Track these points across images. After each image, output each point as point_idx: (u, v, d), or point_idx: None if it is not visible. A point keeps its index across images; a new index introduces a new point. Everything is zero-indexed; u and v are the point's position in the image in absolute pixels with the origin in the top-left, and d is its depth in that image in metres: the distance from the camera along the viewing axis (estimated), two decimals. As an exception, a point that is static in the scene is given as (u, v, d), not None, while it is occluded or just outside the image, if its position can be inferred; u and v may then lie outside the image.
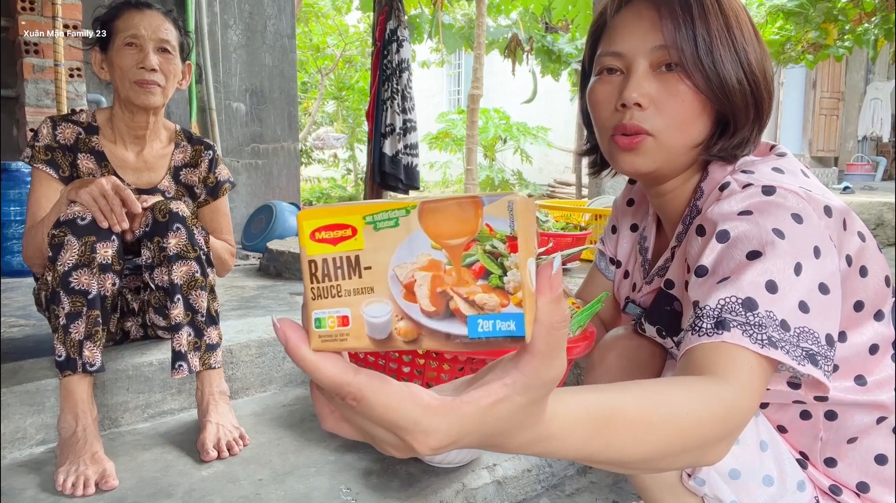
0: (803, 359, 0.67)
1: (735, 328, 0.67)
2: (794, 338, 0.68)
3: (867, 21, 6.65)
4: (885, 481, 0.86)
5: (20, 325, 2.03)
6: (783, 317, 0.68)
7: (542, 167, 11.57)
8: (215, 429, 1.45)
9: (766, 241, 0.72)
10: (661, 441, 0.55)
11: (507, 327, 0.36)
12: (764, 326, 0.67)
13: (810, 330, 0.69)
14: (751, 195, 0.76)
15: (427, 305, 0.38)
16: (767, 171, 0.82)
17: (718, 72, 0.81)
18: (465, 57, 12.63)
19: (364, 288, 0.39)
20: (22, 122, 3.19)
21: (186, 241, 1.47)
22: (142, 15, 1.55)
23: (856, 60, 11.74)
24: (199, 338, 1.48)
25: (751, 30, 0.85)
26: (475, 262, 0.37)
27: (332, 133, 12.41)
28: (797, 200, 0.75)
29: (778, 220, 0.73)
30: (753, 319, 0.67)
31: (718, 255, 0.75)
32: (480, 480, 1.35)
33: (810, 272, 0.71)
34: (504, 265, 0.36)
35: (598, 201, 2.97)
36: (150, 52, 1.53)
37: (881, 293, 0.83)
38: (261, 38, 4.49)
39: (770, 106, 0.87)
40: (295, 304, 2.43)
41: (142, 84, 1.54)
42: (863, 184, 10.33)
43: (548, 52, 7.72)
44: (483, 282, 0.37)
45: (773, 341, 0.67)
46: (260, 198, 4.52)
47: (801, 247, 0.71)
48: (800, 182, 0.80)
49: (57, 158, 1.58)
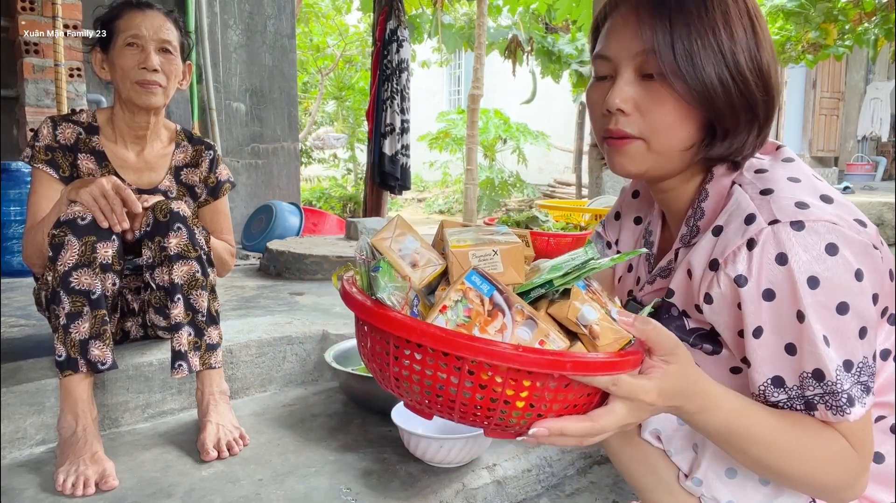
0: (864, 397, 0.75)
1: (820, 405, 0.75)
2: (856, 376, 0.75)
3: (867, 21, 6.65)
4: (882, 479, 0.86)
5: (20, 325, 2.03)
6: (845, 359, 0.74)
7: (542, 167, 11.57)
8: (215, 429, 1.45)
9: (804, 298, 0.73)
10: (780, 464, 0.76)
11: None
12: (836, 394, 0.74)
13: (866, 358, 0.75)
14: (776, 240, 0.74)
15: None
16: (784, 184, 0.80)
17: (700, 78, 0.79)
18: (465, 57, 12.62)
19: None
20: (22, 122, 3.19)
21: (187, 240, 1.47)
22: (143, 15, 1.55)
23: (856, 60, 11.74)
24: (199, 337, 1.48)
25: (747, 27, 0.81)
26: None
27: (332, 133, 12.41)
28: (827, 228, 0.74)
29: (811, 263, 0.73)
30: (827, 388, 0.75)
31: (769, 316, 0.77)
32: (480, 480, 1.35)
33: (857, 302, 0.74)
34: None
35: (598, 201, 2.97)
36: (151, 53, 1.53)
37: (892, 293, 0.83)
38: (261, 38, 4.49)
39: (771, 106, 0.83)
40: (295, 304, 2.43)
41: (143, 84, 1.54)
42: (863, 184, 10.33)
43: (548, 53, 7.72)
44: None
45: (851, 401, 0.74)
46: (260, 198, 4.52)
47: (839, 283, 0.73)
48: (819, 192, 0.79)
49: (57, 158, 1.58)
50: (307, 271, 2.98)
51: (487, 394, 0.64)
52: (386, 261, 0.71)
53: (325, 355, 1.75)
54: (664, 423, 0.91)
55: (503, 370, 0.63)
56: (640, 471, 0.94)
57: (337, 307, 2.35)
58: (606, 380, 0.66)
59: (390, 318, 0.65)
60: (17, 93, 3.22)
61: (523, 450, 1.47)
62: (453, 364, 0.64)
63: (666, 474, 0.92)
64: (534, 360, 0.62)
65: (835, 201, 0.78)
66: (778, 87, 0.84)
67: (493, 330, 0.65)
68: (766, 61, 0.82)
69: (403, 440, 1.39)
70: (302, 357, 1.90)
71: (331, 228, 4.69)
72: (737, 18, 0.81)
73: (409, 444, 1.38)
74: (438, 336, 0.62)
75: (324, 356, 1.77)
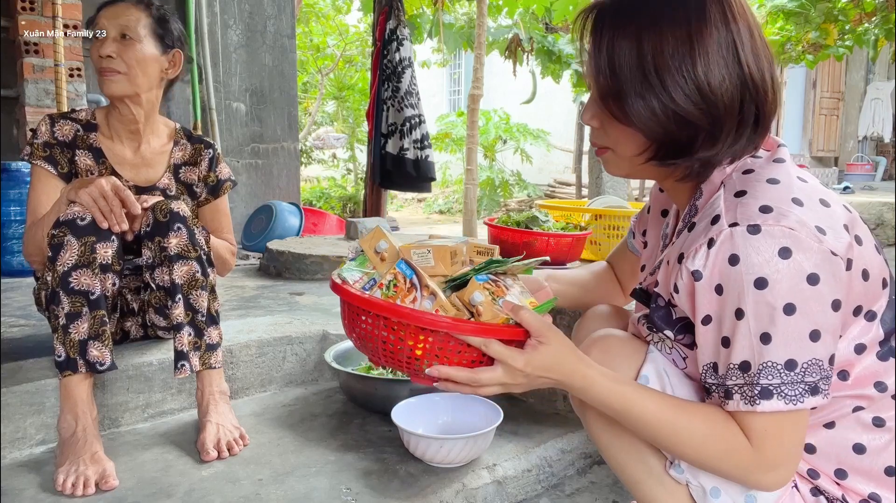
0: (803, 396, 0.78)
1: (736, 394, 0.80)
2: (800, 376, 0.78)
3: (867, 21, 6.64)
4: (863, 471, 0.87)
5: (20, 325, 2.03)
6: (787, 359, 0.77)
7: (542, 167, 11.55)
8: (215, 429, 1.45)
9: (748, 297, 0.77)
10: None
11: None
12: (753, 385, 0.78)
13: (816, 360, 0.78)
14: (731, 241, 0.78)
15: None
16: (759, 187, 0.83)
17: (633, 117, 0.84)
18: (465, 57, 12.61)
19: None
20: (22, 122, 3.19)
21: (187, 240, 1.47)
22: (110, 8, 1.56)
23: (856, 60, 11.73)
24: (199, 337, 1.48)
25: (685, 56, 0.81)
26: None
27: (332, 133, 12.40)
28: (783, 233, 0.77)
29: (761, 265, 0.76)
30: (748, 380, 0.79)
31: (717, 308, 0.82)
32: (480, 480, 1.35)
33: (807, 306, 0.76)
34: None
35: (598, 201, 2.97)
36: (108, 41, 1.53)
37: (876, 294, 0.85)
38: (261, 38, 4.49)
39: (727, 121, 0.83)
40: (295, 304, 2.43)
41: (101, 73, 1.55)
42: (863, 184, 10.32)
43: (548, 53, 7.70)
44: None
45: (765, 394, 0.78)
46: (260, 198, 4.52)
47: (790, 285, 0.76)
48: (793, 195, 0.81)
49: (55, 155, 1.58)
50: (307, 271, 2.98)
51: (405, 346, 0.92)
52: (363, 255, 1.02)
53: (325, 355, 1.75)
54: None
55: (410, 327, 0.91)
56: (631, 462, 0.97)
57: (337, 307, 2.35)
58: (479, 340, 0.89)
59: (344, 291, 0.98)
60: (17, 93, 3.22)
61: (523, 449, 1.47)
62: (382, 323, 0.94)
63: (654, 464, 0.95)
64: (422, 319, 0.90)
65: (805, 205, 0.80)
66: (730, 103, 0.83)
67: (409, 301, 0.94)
68: (712, 82, 0.82)
69: (403, 440, 1.39)
70: (302, 357, 1.90)
71: (331, 228, 4.69)
72: (675, 48, 0.81)
73: (408, 444, 1.38)
74: (370, 302, 0.94)
75: (324, 356, 1.77)
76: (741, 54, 0.83)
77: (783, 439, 0.81)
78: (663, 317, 0.94)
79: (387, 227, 3.61)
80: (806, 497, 0.89)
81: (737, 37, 0.83)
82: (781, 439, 0.81)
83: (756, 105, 0.84)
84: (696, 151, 0.85)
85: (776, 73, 0.87)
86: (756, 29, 0.85)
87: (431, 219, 11.18)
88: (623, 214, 2.63)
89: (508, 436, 1.53)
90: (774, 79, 0.86)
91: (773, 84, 0.86)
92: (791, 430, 0.81)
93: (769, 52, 0.86)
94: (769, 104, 0.86)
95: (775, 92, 0.87)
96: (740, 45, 0.83)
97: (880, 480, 0.87)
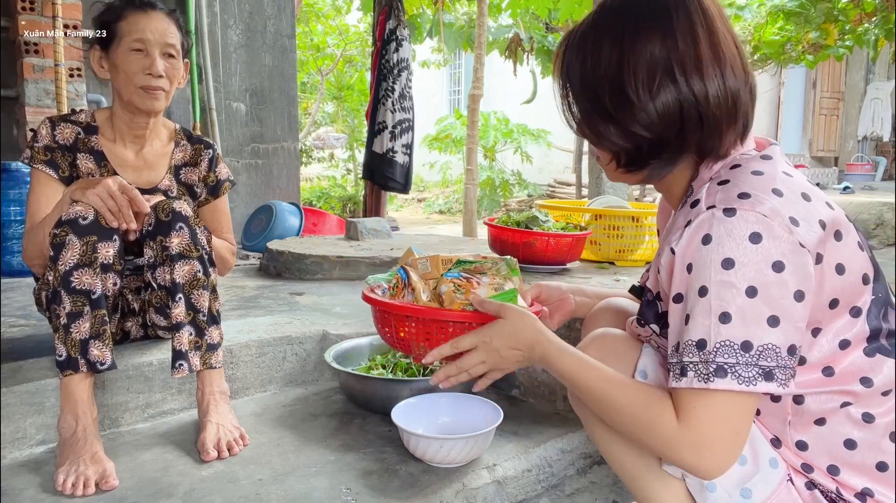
0: (756, 379, 0.79)
1: (691, 371, 0.82)
2: (755, 358, 0.79)
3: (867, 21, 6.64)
4: (855, 466, 0.88)
5: (20, 325, 2.03)
6: (744, 341, 0.79)
7: (542, 167, 11.56)
8: (215, 429, 1.45)
9: (714, 275, 0.80)
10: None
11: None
12: (708, 362, 0.80)
13: (773, 345, 0.79)
14: (708, 222, 0.83)
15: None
16: (743, 177, 0.86)
17: (586, 131, 0.96)
18: (465, 57, 12.61)
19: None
20: (22, 122, 3.19)
21: (189, 240, 1.47)
22: (148, 18, 1.54)
23: (856, 60, 11.73)
24: (200, 337, 1.48)
25: (653, 57, 0.87)
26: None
27: (332, 133, 12.40)
28: (756, 219, 0.80)
29: (731, 247, 0.80)
30: (703, 357, 0.80)
31: (685, 286, 0.85)
32: (480, 480, 1.35)
33: (770, 291, 0.79)
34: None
35: (598, 201, 2.97)
36: (157, 59, 1.53)
37: (857, 290, 0.86)
38: (261, 38, 4.49)
39: (670, 138, 0.89)
40: (295, 304, 2.43)
41: (148, 90, 1.54)
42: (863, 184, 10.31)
43: (548, 53, 7.70)
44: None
45: (720, 372, 0.79)
46: (260, 198, 4.52)
47: (755, 269, 0.79)
48: (773, 186, 0.84)
49: (56, 159, 1.58)
50: (307, 271, 2.98)
51: (392, 330, 1.19)
52: (393, 270, 1.29)
53: (325, 355, 1.75)
54: None
55: (393, 315, 1.17)
56: (630, 457, 0.98)
57: (337, 307, 2.36)
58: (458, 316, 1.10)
59: (364, 296, 1.26)
60: (17, 93, 3.22)
61: (523, 449, 1.47)
62: (378, 314, 1.23)
63: (652, 458, 0.96)
64: (395, 307, 1.16)
65: (784, 196, 0.82)
66: (665, 119, 0.88)
67: (400, 297, 1.20)
68: (644, 104, 0.88)
69: (403, 440, 1.39)
70: (302, 357, 1.90)
71: (331, 228, 4.69)
72: (606, 72, 0.90)
73: (408, 444, 1.38)
74: (372, 300, 1.22)
75: (324, 356, 1.77)
76: (676, 72, 0.87)
77: (714, 419, 0.81)
78: (650, 311, 0.98)
79: (387, 227, 3.61)
80: (801, 490, 0.91)
81: (672, 55, 0.87)
82: (712, 418, 0.81)
83: (704, 115, 0.87)
84: (646, 161, 0.92)
85: (732, 80, 0.88)
86: (706, 39, 0.87)
87: (431, 219, 11.18)
88: (623, 214, 2.63)
89: (508, 436, 1.53)
90: (730, 89, 0.88)
91: (725, 93, 0.88)
92: (728, 413, 0.81)
93: (733, 57, 0.88)
94: (721, 112, 0.88)
95: (734, 98, 0.89)
96: (676, 64, 0.87)
97: (873, 475, 0.88)
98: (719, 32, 0.88)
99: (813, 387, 0.87)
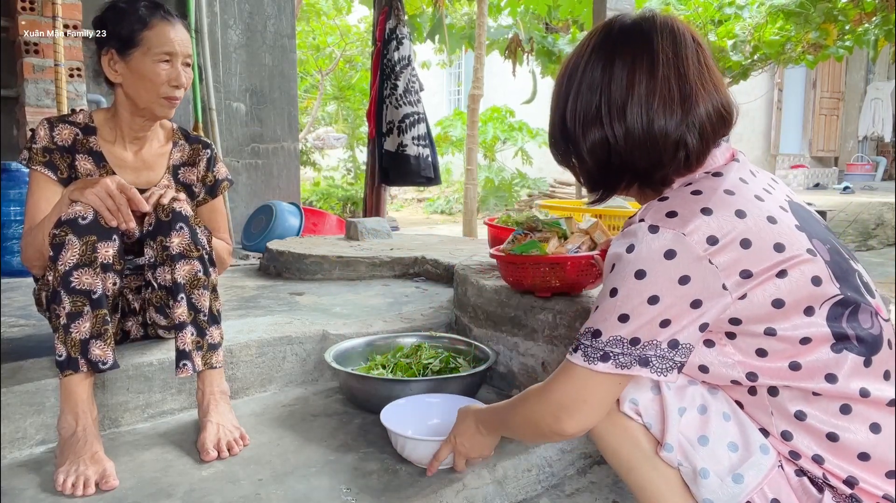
0: (631, 364, 0.90)
1: (580, 350, 0.94)
2: (640, 350, 0.90)
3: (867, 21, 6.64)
4: (838, 456, 0.91)
5: (20, 325, 2.03)
6: (633, 337, 0.90)
7: (542, 167, 11.56)
8: (215, 429, 1.45)
9: (626, 282, 0.90)
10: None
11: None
12: (596, 349, 0.92)
13: (657, 341, 0.90)
14: (635, 234, 0.92)
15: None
16: (681, 197, 0.94)
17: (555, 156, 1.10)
18: (465, 57, 12.60)
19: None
20: (22, 122, 3.19)
21: (189, 240, 1.48)
22: (175, 30, 1.54)
23: (856, 60, 11.74)
24: (201, 337, 1.48)
25: (592, 98, 0.99)
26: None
27: (333, 133, 12.40)
28: (674, 237, 0.88)
29: (647, 260, 0.89)
30: (595, 344, 0.92)
31: (604, 281, 0.95)
32: (480, 480, 1.35)
33: (671, 298, 0.88)
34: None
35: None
36: (181, 71, 1.55)
37: (806, 292, 0.89)
38: (261, 38, 4.49)
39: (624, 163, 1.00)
40: (295, 304, 2.43)
41: (171, 100, 1.55)
42: (863, 184, 10.32)
43: (548, 53, 7.70)
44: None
45: (605, 357, 0.91)
46: (260, 198, 4.52)
47: (664, 283, 0.88)
48: (705, 205, 0.91)
49: (55, 160, 1.57)
50: (307, 271, 2.98)
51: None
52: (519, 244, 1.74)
53: (325, 355, 1.75)
54: (639, 394, 0.99)
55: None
56: (625, 447, 1.01)
57: (337, 307, 2.36)
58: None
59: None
60: (17, 93, 3.22)
61: (523, 449, 1.47)
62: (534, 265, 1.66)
63: (647, 447, 1.00)
64: (538, 258, 1.62)
65: (714, 214, 0.89)
66: (596, 156, 1.01)
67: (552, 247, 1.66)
68: (580, 142, 1.02)
69: (392, 442, 1.39)
70: (302, 357, 1.90)
71: (331, 228, 4.69)
72: (556, 104, 1.06)
73: (396, 445, 1.38)
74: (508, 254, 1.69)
75: (324, 356, 1.77)
76: (602, 115, 0.98)
77: (571, 384, 0.95)
78: None
79: (387, 227, 3.61)
80: (790, 477, 0.94)
81: (604, 98, 0.98)
82: (568, 383, 0.95)
83: (625, 155, 0.98)
84: (596, 185, 1.06)
85: (663, 121, 0.95)
86: (644, 84, 0.95)
87: (431, 219, 11.19)
88: (623, 214, 2.63)
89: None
90: (657, 129, 0.95)
91: (652, 134, 0.95)
92: (588, 384, 0.94)
93: (672, 98, 0.94)
94: (646, 152, 0.97)
95: (662, 138, 0.95)
96: (605, 107, 0.97)
97: (855, 464, 0.91)
98: (665, 76, 0.95)
99: (782, 380, 0.91)
